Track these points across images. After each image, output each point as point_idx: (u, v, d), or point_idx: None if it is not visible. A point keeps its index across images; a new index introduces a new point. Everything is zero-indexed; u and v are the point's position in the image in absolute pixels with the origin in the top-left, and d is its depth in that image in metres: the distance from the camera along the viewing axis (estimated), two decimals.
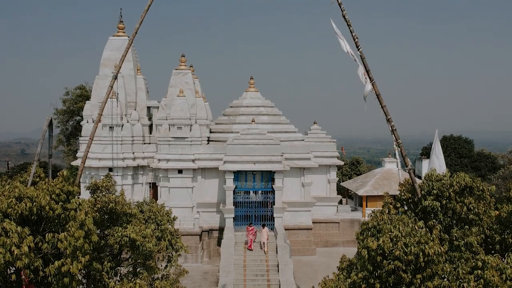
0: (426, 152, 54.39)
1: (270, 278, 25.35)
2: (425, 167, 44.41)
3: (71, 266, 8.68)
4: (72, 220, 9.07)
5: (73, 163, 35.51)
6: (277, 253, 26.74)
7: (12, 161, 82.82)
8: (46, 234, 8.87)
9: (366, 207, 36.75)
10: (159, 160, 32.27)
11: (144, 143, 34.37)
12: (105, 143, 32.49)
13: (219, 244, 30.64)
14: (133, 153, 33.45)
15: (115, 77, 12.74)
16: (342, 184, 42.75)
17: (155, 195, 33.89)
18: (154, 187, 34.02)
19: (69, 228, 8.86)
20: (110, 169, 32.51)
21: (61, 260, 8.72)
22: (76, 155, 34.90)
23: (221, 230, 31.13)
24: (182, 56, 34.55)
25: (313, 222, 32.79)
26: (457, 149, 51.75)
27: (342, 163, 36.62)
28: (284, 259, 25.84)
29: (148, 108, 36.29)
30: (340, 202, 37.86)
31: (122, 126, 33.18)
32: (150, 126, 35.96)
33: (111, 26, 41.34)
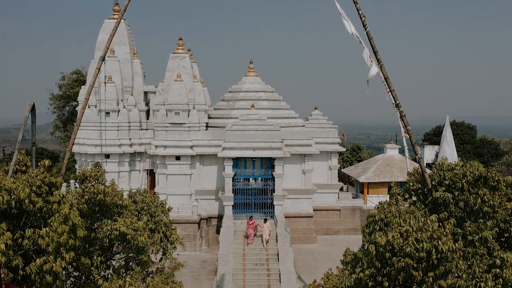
0: (428, 138, 53.75)
1: (270, 268, 24.80)
2: (427, 153, 43.78)
3: (54, 264, 7.98)
4: (56, 213, 8.34)
5: None
6: (277, 241, 26.16)
7: (12, 147, 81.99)
8: (26, 230, 8.14)
9: (368, 194, 36.14)
10: (157, 146, 31.51)
11: (141, 129, 33.58)
12: (101, 129, 31.70)
13: (218, 232, 30.08)
14: (130, 139, 32.68)
15: (103, 59, 11.90)
16: (343, 170, 42.09)
17: (152, 182, 33.24)
18: (151, 174, 33.34)
19: (52, 223, 8.14)
20: (107, 156, 31.85)
21: (43, 257, 8.00)
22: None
23: (220, 218, 30.54)
24: (179, 39, 33.56)
25: (313, 210, 32.20)
26: (459, 135, 50.99)
27: (343, 149, 35.90)
28: (284, 247, 25.26)
29: (145, 93, 35.42)
30: (341, 189, 37.25)
31: (119, 111, 32.36)
32: (147, 112, 35.14)
33: (109, 9, 40.39)
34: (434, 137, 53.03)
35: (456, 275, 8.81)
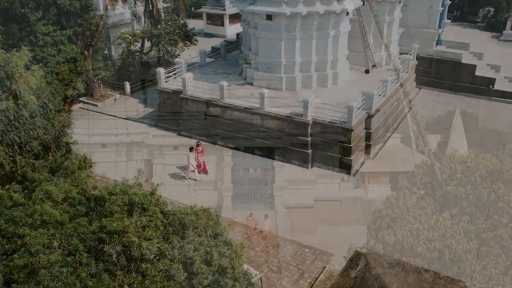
0: (430, 128, 52.90)
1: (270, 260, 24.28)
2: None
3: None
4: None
5: None
6: (277, 233, 25.64)
7: None
8: None
9: (369, 184, 35.55)
10: None
11: None
12: None
13: None
14: None
15: None
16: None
17: None
18: None
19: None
20: None
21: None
22: None
23: (218, 209, 29.93)
24: None
25: (314, 200, 31.58)
26: None
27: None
28: (284, 240, 24.76)
29: None
30: (342, 179, 36.60)
31: None
32: None
33: None
34: (436, 126, 52.30)
35: (471, 276, 8.20)
